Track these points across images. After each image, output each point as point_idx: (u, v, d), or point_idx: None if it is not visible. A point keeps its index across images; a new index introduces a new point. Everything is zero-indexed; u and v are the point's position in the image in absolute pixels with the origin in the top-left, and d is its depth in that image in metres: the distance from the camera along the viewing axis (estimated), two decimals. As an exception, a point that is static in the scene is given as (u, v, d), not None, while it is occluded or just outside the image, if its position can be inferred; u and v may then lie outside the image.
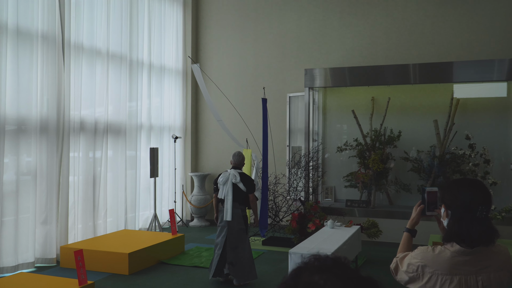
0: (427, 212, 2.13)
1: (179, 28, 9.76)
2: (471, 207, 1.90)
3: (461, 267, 1.89)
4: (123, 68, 7.99)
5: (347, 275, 0.98)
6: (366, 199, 8.25)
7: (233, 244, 5.33)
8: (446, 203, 2.01)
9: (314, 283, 0.96)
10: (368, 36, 8.71)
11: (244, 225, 5.40)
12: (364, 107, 8.57)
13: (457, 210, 1.94)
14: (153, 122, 8.95)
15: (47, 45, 6.45)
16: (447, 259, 1.90)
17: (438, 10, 8.30)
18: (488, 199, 1.93)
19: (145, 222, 8.63)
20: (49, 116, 6.51)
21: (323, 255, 1.03)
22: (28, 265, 6.14)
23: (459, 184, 2.01)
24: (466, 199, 1.92)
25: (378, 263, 6.45)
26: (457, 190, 1.97)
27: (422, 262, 1.95)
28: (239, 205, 5.39)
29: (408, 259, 2.02)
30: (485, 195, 1.93)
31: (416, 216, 2.16)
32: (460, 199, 1.94)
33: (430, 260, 1.93)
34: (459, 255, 1.90)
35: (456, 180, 2.06)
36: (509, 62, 7.35)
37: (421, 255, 1.96)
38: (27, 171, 6.32)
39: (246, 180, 5.40)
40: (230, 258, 5.33)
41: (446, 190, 2.03)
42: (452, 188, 2.00)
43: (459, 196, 1.95)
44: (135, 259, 6.02)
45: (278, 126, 9.14)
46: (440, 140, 7.86)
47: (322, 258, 1.02)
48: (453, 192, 1.98)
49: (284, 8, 9.31)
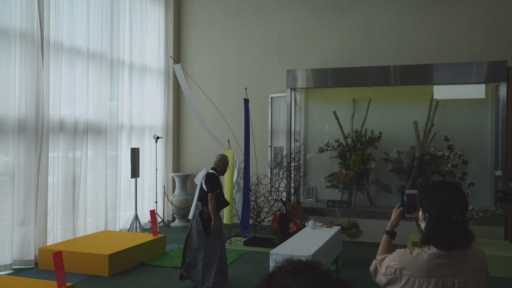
0: (406, 214, 2.14)
1: (160, 28, 9.69)
2: (448, 210, 1.92)
3: (438, 269, 1.92)
4: (103, 67, 7.90)
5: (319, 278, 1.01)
6: (347, 200, 8.32)
7: (191, 244, 5.23)
8: (424, 206, 2.02)
9: (287, 286, 0.99)
10: (349, 37, 8.78)
11: (203, 227, 5.12)
12: (345, 108, 8.64)
13: (434, 213, 1.96)
14: (134, 122, 8.88)
15: (25, 44, 6.34)
16: (425, 261, 1.93)
17: (419, 13, 8.41)
18: (465, 203, 1.95)
19: (126, 223, 8.56)
20: (28, 115, 6.40)
21: (296, 259, 1.07)
22: (5, 267, 6.03)
23: (436, 188, 2.02)
24: (442, 202, 1.94)
25: (359, 263, 6.51)
26: (434, 194, 1.99)
27: (400, 265, 1.97)
28: (202, 206, 5.21)
29: (387, 261, 2.04)
30: (461, 198, 1.95)
31: (396, 219, 2.18)
32: (437, 203, 1.95)
33: (407, 262, 1.96)
34: (436, 258, 1.92)
35: (433, 184, 2.06)
36: (487, 65, 7.49)
37: (399, 257, 1.99)
38: (4, 171, 6.21)
39: (208, 179, 5.16)
40: (188, 258, 5.24)
41: (424, 194, 2.04)
42: (429, 191, 2.02)
43: (436, 199, 1.96)
44: (116, 261, 5.97)
45: (260, 126, 9.16)
46: (419, 141, 7.97)
47: (295, 262, 1.06)
48: (430, 195, 2.00)
49: (267, 9, 9.33)
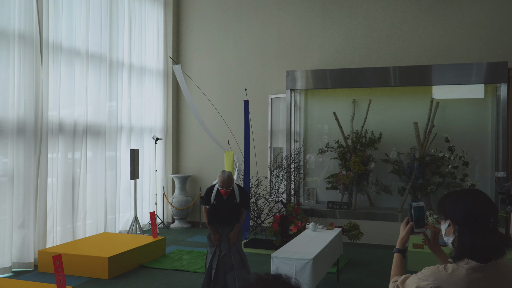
0: (416, 229, 1.99)
1: (160, 29, 9.67)
2: (483, 219, 1.77)
3: (477, 284, 1.76)
4: (102, 68, 7.87)
5: None
6: (347, 201, 8.30)
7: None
8: (452, 217, 1.84)
9: None
10: (349, 38, 8.76)
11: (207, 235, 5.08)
12: (345, 109, 8.62)
13: (467, 223, 1.79)
14: (134, 123, 8.85)
15: (24, 45, 6.31)
16: (463, 277, 1.76)
17: (418, 14, 8.40)
18: (496, 209, 1.82)
19: (126, 224, 8.53)
20: (27, 117, 6.37)
21: (264, 274, 1.15)
22: (4, 270, 6.00)
23: (464, 196, 1.86)
24: (475, 210, 1.80)
25: (360, 265, 6.48)
26: (463, 202, 1.83)
27: (435, 284, 1.77)
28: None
29: (414, 282, 1.83)
30: (492, 204, 1.81)
31: (406, 235, 2.02)
32: (467, 211, 1.80)
33: (445, 280, 1.77)
34: (474, 272, 1.76)
35: (458, 192, 1.90)
36: (487, 65, 7.47)
37: (433, 276, 1.79)
38: (3, 173, 6.18)
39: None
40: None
41: (449, 203, 1.87)
42: (456, 200, 1.86)
43: (467, 208, 1.81)
44: (115, 263, 5.94)
45: (260, 127, 9.13)
46: (420, 142, 7.95)
47: (264, 277, 1.13)
48: (458, 204, 1.84)
49: (266, 10, 9.30)
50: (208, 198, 4.90)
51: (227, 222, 4.97)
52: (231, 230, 4.96)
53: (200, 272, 6.07)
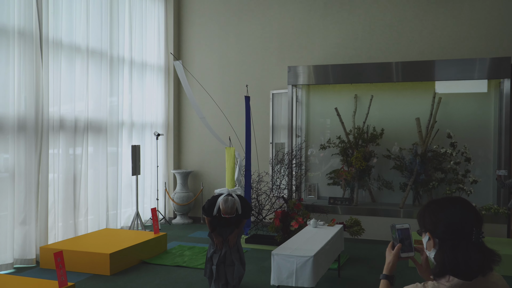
0: (402, 254, 1.76)
1: (160, 24, 9.63)
2: (464, 231, 1.60)
3: None
4: (103, 64, 7.85)
5: None
6: (349, 197, 8.29)
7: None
8: (431, 229, 1.67)
9: None
10: (351, 33, 8.71)
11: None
12: (347, 104, 8.59)
13: (445, 237, 1.63)
14: (135, 119, 8.84)
15: (24, 42, 6.29)
16: None
17: (421, 8, 8.34)
18: (480, 219, 1.64)
19: (127, 220, 8.54)
20: (27, 113, 6.36)
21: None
22: (6, 266, 6.02)
23: (442, 205, 1.68)
24: (454, 221, 1.62)
25: (361, 262, 6.48)
26: (443, 214, 1.65)
27: None
28: None
29: None
30: (476, 215, 1.64)
31: (393, 258, 1.77)
32: (447, 223, 1.63)
33: None
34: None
35: (438, 201, 1.71)
36: (490, 61, 7.42)
37: None
38: (4, 169, 6.18)
39: None
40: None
41: (428, 214, 1.69)
42: (435, 210, 1.68)
43: (445, 218, 1.64)
44: (117, 259, 5.95)
45: (261, 123, 9.11)
46: (422, 138, 7.92)
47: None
48: (438, 216, 1.66)
49: (267, 5, 9.26)
50: (210, 211, 4.92)
51: (229, 226, 5.05)
52: (231, 230, 5.02)
53: (202, 268, 6.08)
